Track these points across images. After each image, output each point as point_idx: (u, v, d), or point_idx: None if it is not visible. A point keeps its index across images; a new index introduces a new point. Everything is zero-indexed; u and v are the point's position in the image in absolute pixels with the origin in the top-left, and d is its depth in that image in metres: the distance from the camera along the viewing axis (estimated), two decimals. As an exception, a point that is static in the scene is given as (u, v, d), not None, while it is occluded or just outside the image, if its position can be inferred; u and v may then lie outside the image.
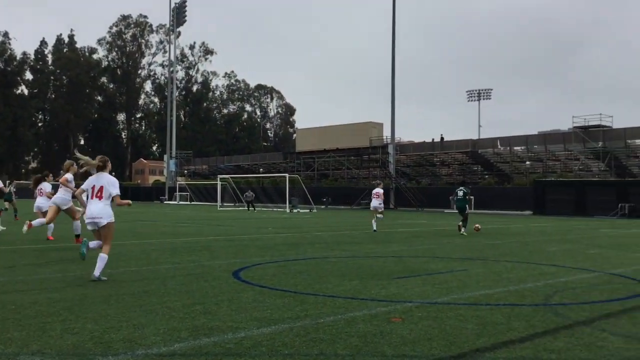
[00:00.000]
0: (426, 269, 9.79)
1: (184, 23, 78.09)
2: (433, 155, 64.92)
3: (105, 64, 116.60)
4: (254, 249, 13.02)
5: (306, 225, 24.30)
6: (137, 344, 4.72)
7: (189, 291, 7.26)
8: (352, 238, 16.95)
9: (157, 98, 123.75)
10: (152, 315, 5.85)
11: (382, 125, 67.82)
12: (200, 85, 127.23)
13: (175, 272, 8.99)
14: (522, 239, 17.56)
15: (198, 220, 26.59)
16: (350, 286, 7.84)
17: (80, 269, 9.27)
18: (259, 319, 5.74)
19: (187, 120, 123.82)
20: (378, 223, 19.26)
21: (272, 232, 19.22)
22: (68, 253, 11.61)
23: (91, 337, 4.92)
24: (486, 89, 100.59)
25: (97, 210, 8.14)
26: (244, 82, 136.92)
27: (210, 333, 5.13)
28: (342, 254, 12.27)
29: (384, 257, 11.62)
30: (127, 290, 7.30)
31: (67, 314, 5.84)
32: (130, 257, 11.01)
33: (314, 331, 5.26)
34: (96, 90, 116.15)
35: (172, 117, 77.30)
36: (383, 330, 5.34)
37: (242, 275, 8.70)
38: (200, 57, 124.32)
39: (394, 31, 57.12)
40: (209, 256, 11.40)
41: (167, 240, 15.37)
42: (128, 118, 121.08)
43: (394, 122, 57.59)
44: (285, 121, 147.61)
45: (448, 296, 7.19)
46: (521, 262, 11.08)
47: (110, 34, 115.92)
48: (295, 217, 33.65)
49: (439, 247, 14.38)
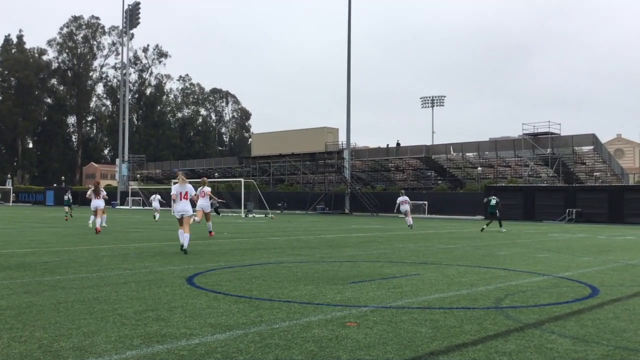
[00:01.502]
0: (381, 274, 9.87)
1: (138, 25, 76.86)
2: (388, 160, 65.59)
3: (55, 65, 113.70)
4: (209, 255, 12.88)
5: (261, 230, 24.20)
6: (87, 352, 4.61)
7: (141, 298, 7.13)
8: (307, 243, 16.96)
9: (110, 101, 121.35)
10: (103, 322, 5.71)
11: (337, 130, 68.23)
12: (154, 88, 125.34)
13: (127, 279, 8.81)
14: (474, 243, 17.90)
15: (151, 225, 26.13)
16: (305, 291, 7.84)
17: (28, 275, 8.98)
18: (214, 325, 5.68)
19: (141, 124, 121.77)
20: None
21: (227, 237, 19.05)
22: (14, 259, 11.24)
23: (40, 346, 4.77)
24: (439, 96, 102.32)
25: (184, 206, 13.38)
26: (199, 86, 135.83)
27: (164, 340, 5.05)
28: (297, 258, 12.26)
29: (339, 262, 11.67)
30: (77, 297, 7.11)
31: (14, 322, 5.65)
32: (80, 263, 10.74)
33: (270, 337, 5.23)
34: (46, 93, 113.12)
35: (124, 120, 75.87)
36: (339, 334, 5.36)
37: (196, 281, 8.60)
38: (154, 60, 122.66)
39: (349, 37, 57.67)
40: (162, 262, 11.22)
41: (118, 245, 15.06)
42: (79, 121, 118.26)
43: (349, 127, 58.09)
44: (240, 126, 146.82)
45: (402, 300, 7.26)
46: (473, 266, 11.29)
47: (60, 35, 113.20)
48: (250, 222, 33.44)
49: (393, 251, 14.53)
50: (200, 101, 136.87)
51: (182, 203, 13.49)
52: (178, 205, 13.50)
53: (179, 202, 13.50)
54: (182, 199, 13.40)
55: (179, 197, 13.49)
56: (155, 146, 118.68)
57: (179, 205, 13.48)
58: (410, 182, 67.50)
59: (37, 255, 12.07)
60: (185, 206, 13.41)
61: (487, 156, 59.67)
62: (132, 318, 5.92)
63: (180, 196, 13.40)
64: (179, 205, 13.48)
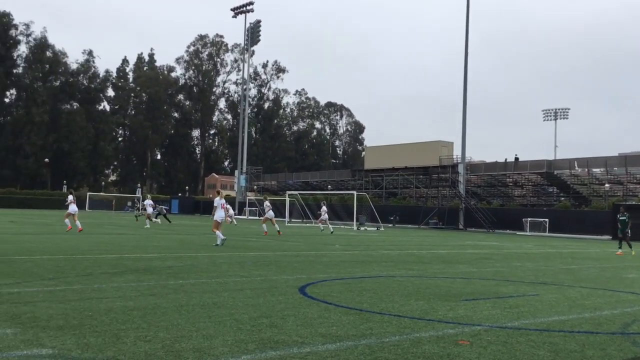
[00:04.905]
0: (496, 292, 9.54)
1: (258, 42, 79.99)
2: (505, 175, 63.33)
3: (182, 81, 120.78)
4: (321, 266, 13.07)
5: (373, 243, 24.19)
6: (206, 354, 4.84)
7: (256, 304, 7.38)
8: (419, 257, 16.73)
9: (230, 115, 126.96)
10: (220, 326, 5.98)
11: (452, 144, 66.88)
12: (272, 102, 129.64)
13: (243, 286, 9.15)
14: (600, 265, 16.82)
15: (266, 236, 26.94)
16: (416, 306, 7.74)
17: (155, 279, 9.58)
18: (324, 334, 5.76)
19: (258, 137, 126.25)
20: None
21: (339, 249, 19.23)
22: (142, 263, 12.04)
23: (163, 346, 5.08)
24: (563, 109, 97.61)
25: (223, 215, 18.19)
26: (314, 100, 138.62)
27: (277, 346, 5.19)
28: (408, 273, 12.13)
29: (451, 278, 11.41)
30: (197, 301, 7.49)
31: (140, 322, 6.05)
32: (201, 269, 11.30)
33: (379, 350, 5.22)
34: (173, 107, 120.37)
35: (243, 134, 79.03)
36: (450, 352, 5.25)
37: (308, 291, 8.76)
38: (272, 75, 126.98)
39: (466, 48, 56.43)
40: (276, 271, 11.54)
41: (236, 254, 15.67)
42: (202, 134, 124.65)
43: (464, 141, 56.73)
44: (354, 139, 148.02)
45: (519, 321, 6.98)
46: (597, 289, 10.61)
47: (187, 53, 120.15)
48: (362, 234, 33.54)
49: (509, 270, 13.98)
50: (315, 115, 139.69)
51: (223, 211, 18.06)
52: (221, 212, 17.89)
53: (220, 210, 17.86)
54: (222, 208, 18.09)
55: (220, 207, 17.88)
56: (272, 158, 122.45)
57: (222, 212, 17.96)
58: (530, 199, 64.68)
59: (162, 260, 12.86)
60: (223, 213, 18.28)
61: (616, 172, 55.89)
62: (248, 323, 6.15)
63: (221, 206, 18.00)
64: (222, 212, 17.96)
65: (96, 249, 15.50)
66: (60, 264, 11.35)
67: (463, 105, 56.24)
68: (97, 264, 11.63)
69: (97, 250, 15.09)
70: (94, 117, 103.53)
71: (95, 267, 10.93)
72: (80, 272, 10.07)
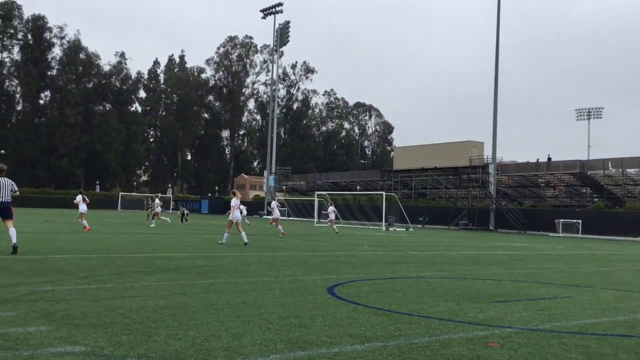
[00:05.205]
0: (527, 294, 9.42)
1: (287, 43, 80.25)
2: (537, 176, 62.42)
3: (212, 83, 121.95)
4: (349, 266, 13.06)
5: (402, 244, 24.08)
6: (235, 353, 4.88)
7: (284, 304, 7.41)
8: (448, 258, 16.60)
9: (259, 115, 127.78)
10: (249, 325, 6.02)
11: (482, 144, 66.20)
12: (301, 103, 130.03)
13: (272, 285, 9.20)
14: (634, 267, 16.45)
15: (294, 236, 27.03)
16: (445, 308, 7.68)
17: (185, 278, 9.69)
18: (353, 335, 5.75)
19: (287, 137, 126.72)
20: None
21: (368, 250, 19.20)
22: (172, 262, 12.18)
23: (193, 344, 5.14)
24: (597, 108, 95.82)
25: (239, 215, 18.85)
26: (343, 100, 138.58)
27: (305, 347, 5.21)
28: (438, 274, 12.04)
29: (481, 280, 11.29)
30: (226, 300, 7.55)
31: (171, 320, 6.13)
32: (230, 269, 11.39)
33: (408, 351, 5.20)
34: (203, 108, 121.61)
35: (272, 134, 79.39)
36: (480, 354, 5.20)
37: (337, 291, 8.76)
38: (301, 75, 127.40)
39: (497, 47, 55.80)
40: (304, 271, 11.57)
41: (265, 253, 15.75)
42: (232, 135, 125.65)
43: (495, 141, 56.01)
44: (383, 139, 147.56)
45: (550, 323, 6.87)
46: (632, 291, 10.39)
47: (217, 54, 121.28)
48: (391, 235, 33.42)
49: (541, 272, 13.78)
50: (344, 115, 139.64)
51: (238, 212, 18.83)
52: (237, 213, 18.58)
53: (236, 211, 18.60)
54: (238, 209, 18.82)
55: (236, 207, 18.62)
56: (300, 159, 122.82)
57: (237, 213, 18.68)
58: (563, 199, 63.62)
59: (192, 260, 13.00)
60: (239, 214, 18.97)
61: (652, 172, 54.63)
62: (276, 323, 6.18)
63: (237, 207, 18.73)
64: (237, 213, 18.68)
65: (128, 248, 15.75)
66: (94, 262, 11.56)
67: (494, 104, 55.63)
68: (129, 263, 11.81)
69: (129, 249, 15.33)
70: (126, 118, 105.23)
71: (127, 266, 11.10)
72: (112, 271, 10.24)
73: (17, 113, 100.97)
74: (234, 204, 18.76)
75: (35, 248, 14.45)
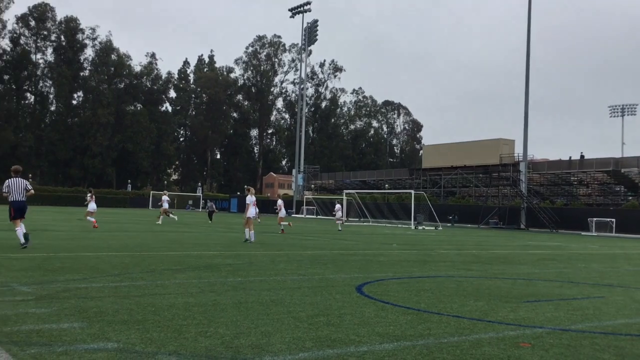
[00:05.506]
0: (559, 294, 9.27)
1: (315, 42, 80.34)
2: (570, 174, 61.39)
3: (241, 82, 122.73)
4: (378, 265, 13.03)
5: (431, 242, 23.92)
6: (264, 351, 4.91)
7: (313, 303, 7.43)
8: (478, 258, 16.43)
9: (288, 114, 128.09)
10: (278, 323, 6.05)
11: (513, 142, 65.28)
12: (329, 101, 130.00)
13: (301, 284, 9.22)
14: (671, 267, 16.07)
15: (323, 234, 27.06)
16: (475, 307, 7.61)
17: (215, 276, 9.79)
18: (382, 334, 5.74)
19: (315, 136, 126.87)
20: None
21: (397, 249, 19.12)
22: (203, 260, 12.31)
23: (222, 342, 5.19)
24: (631, 105, 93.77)
25: (254, 212, 19.08)
26: (371, 99, 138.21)
27: (334, 345, 5.22)
28: (467, 273, 11.94)
29: (512, 279, 11.15)
30: (256, 298, 7.61)
31: (201, 318, 6.20)
32: (259, 267, 11.46)
33: (437, 351, 5.17)
34: (232, 107, 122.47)
35: (301, 133, 79.57)
36: (511, 354, 5.14)
37: (365, 290, 8.75)
38: (329, 74, 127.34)
39: (528, 42, 54.93)
40: (333, 270, 11.57)
41: (294, 252, 15.80)
42: (260, 133, 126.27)
43: (526, 138, 55.16)
44: (411, 137, 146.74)
45: (583, 323, 6.76)
46: (668, 292, 10.15)
47: (246, 53, 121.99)
48: (420, 234, 33.22)
49: (574, 271, 13.55)
50: (372, 113, 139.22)
51: (254, 209, 18.93)
52: (252, 210, 18.77)
53: (252, 208, 18.78)
54: (253, 206, 18.95)
55: (252, 205, 18.80)
56: (329, 157, 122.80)
57: (253, 210, 18.81)
58: (596, 198, 62.46)
59: (222, 258, 13.11)
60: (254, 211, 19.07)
61: (688, 170, 53.27)
62: (305, 321, 6.20)
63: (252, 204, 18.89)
64: (253, 210, 18.81)
65: (159, 246, 15.95)
66: (125, 260, 11.74)
67: (525, 101, 54.81)
68: (160, 260, 11.97)
69: (160, 247, 15.53)
70: (156, 118, 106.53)
71: (158, 264, 11.25)
72: (144, 269, 10.38)
73: (51, 113, 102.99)
74: (248, 201, 19.02)
75: (69, 246, 14.75)
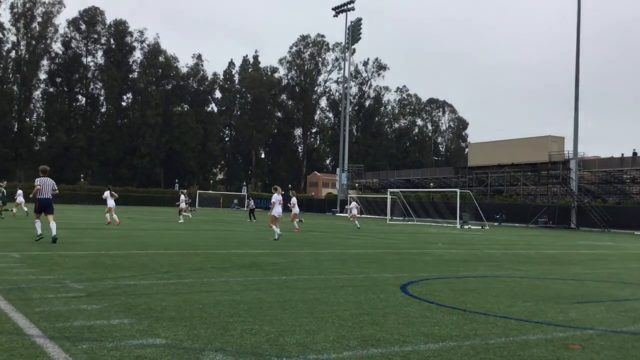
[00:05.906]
0: (611, 295, 9.02)
1: (359, 40, 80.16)
2: (622, 171, 59.52)
3: (285, 82, 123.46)
4: (422, 264, 12.92)
5: (477, 242, 23.57)
6: (308, 349, 4.94)
7: (357, 302, 7.42)
8: (527, 257, 16.11)
9: (332, 113, 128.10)
10: (322, 322, 6.07)
11: (562, 139, 63.73)
12: (373, 100, 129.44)
13: (345, 283, 9.23)
14: None
15: (368, 233, 26.98)
16: (523, 308, 7.47)
17: (260, 274, 9.89)
18: (426, 334, 5.70)
19: (359, 135, 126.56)
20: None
21: (442, 248, 18.92)
22: (248, 259, 12.45)
23: (267, 339, 5.24)
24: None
25: (280, 210, 19.05)
26: (415, 97, 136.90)
27: (378, 344, 5.20)
28: (515, 273, 11.72)
29: (562, 280, 10.90)
30: (300, 296, 7.65)
31: (246, 315, 6.28)
32: (303, 266, 11.52)
33: (484, 352, 5.10)
34: (276, 107, 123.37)
35: (345, 132, 79.53)
36: (560, 356, 5.03)
37: (410, 290, 8.69)
38: (373, 72, 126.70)
39: (578, 36, 53.49)
40: (377, 269, 11.54)
41: (337, 251, 15.82)
42: (304, 133, 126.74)
43: (577, 135, 53.72)
44: (457, 135, 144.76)
45: (635, 325, 6.56)
46: None
47: (290, 53, 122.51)
48: (466, 233, 32.78)
49: (626, 271, 13.14)
50: (416, 111, 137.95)
51: (280, 207, 18.95)
52: (278, 208, 18.81)
53: (277, 206, 18.84)
54: (279, 205, 18.96)
55: (278, 203, 18.86)
56: (373, 156, 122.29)
57: (279, 208, 18.86)
58: (649, 196, 60.44)
59: (267, 256, 13.23)
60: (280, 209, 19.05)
61: None
62: (349, 320, 6.20)
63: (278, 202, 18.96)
64: (279, 208, 18.86)
65: (206, 244, 16.22)
66: (174, 258, 11.98)
67: (575, 97, 53.40)
68: (207, 259, 12.17)
69: (207, 245, 15.79)
70: (202, 118, 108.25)
71: (205, 262, 11.44)
72: (191, 267, 10.57)
73: (102, 115, 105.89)
74: (274, 200, 19.16)
75: (119, 244, 15.14)
